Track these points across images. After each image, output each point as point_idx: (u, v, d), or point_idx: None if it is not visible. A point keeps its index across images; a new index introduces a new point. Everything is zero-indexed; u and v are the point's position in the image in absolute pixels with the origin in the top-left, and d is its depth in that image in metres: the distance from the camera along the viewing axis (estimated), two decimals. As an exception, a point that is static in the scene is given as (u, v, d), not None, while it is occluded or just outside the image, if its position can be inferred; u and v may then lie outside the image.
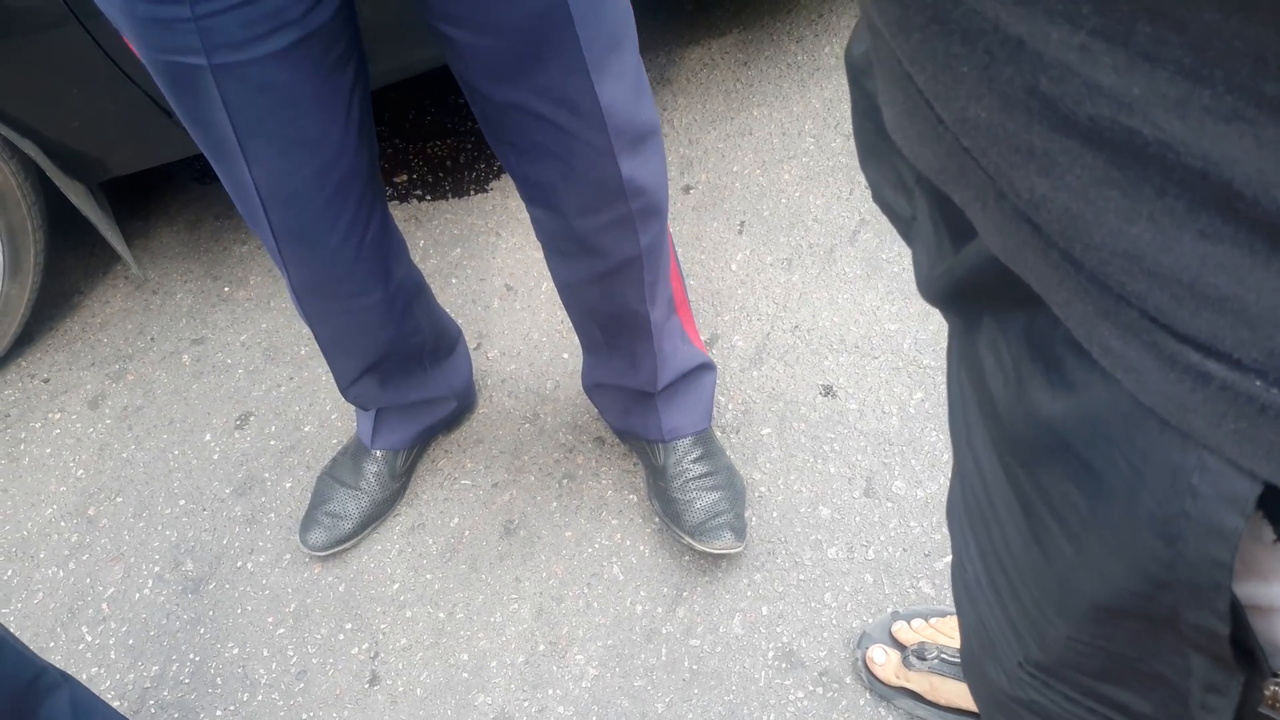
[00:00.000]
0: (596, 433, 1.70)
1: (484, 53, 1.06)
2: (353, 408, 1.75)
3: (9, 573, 1.66)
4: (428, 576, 1.56)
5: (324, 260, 1.25)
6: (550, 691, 1.42)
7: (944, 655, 1.30)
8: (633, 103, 1.14)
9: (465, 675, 1.45)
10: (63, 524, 1.72)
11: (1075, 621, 0.43)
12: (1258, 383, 0.29)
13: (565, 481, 1.65)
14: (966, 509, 0.51)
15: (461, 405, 1.67)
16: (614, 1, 1.06)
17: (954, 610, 1.38)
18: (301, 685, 1.47)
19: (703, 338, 1.79)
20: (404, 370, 1.52)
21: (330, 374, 1.81)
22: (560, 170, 1.18)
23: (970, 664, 0.60)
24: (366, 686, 1.45)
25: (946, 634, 1.34)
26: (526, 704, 1.41)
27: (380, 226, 1.29)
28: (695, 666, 1.42)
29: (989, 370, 0.43)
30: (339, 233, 1.22)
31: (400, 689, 1.44)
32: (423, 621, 1.51)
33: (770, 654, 1.42)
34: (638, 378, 1.47)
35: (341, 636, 1.51)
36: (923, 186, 0.46)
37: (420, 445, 1.67)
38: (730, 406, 1.70)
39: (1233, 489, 0.31)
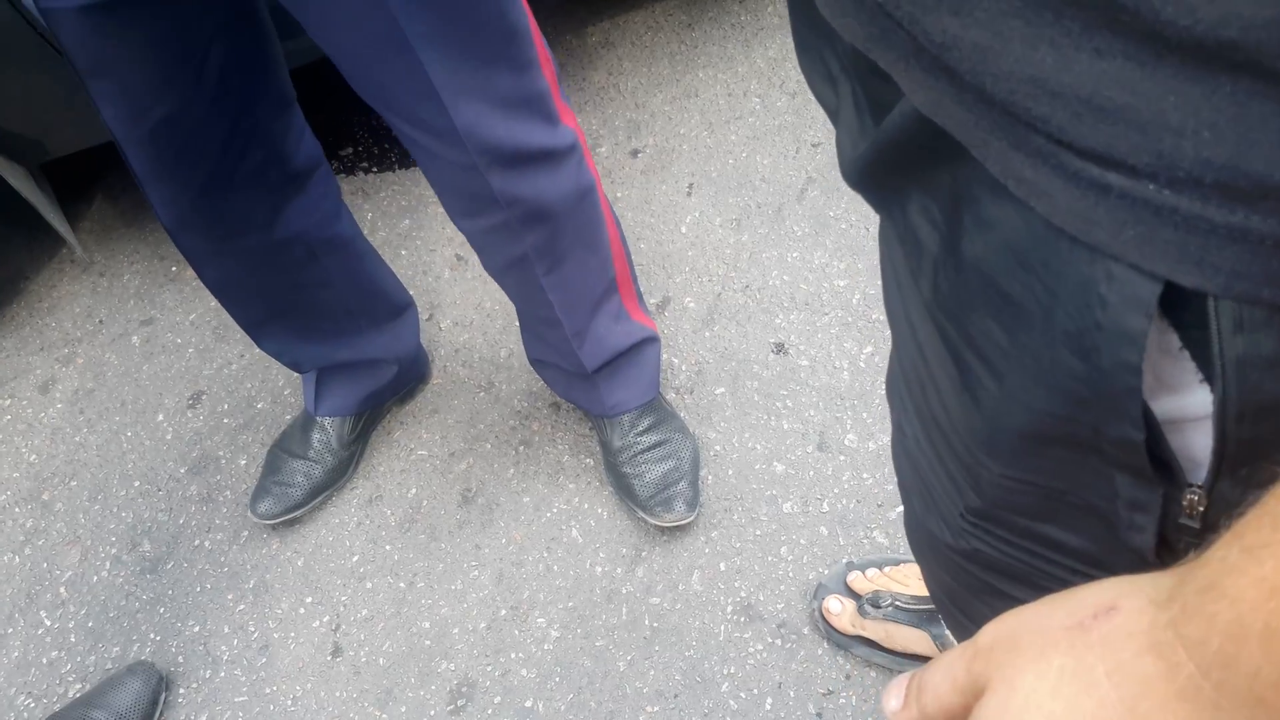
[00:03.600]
0: (551, 399, 1.71)
1: (341, 64, 1.08)
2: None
3: (-36, 561, 1.65)
4: (387, 547, 1.57)
5: (191, 199, 1.23)
6: (513, 655, 1.43)
7: (898, 603, 1.32)
8: (507, 125, 1.11)
9: (428, 643, 1.46)
10: (16, 510, 1.71)
11: (1005, 457, 0.45)
12: (1150, 186, 0.31)
13: (521, 448, 1.66)
14: (905, 378, 0.54)
15: (405, 370, 1.66)
16: (482, 22, 1.03)
17: (908, 558, 1.41)
18: (264, 660, 1.47)
19: (654, 300, 1.80)
20: (324, 326, 1.51)
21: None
22: (432, 177, 1.20)
23: (914, 528, 0.62)
24: (329, 658, 1.46)
25: (900, 581, 1.36)
26: (489, 668, 1.42)
27: (263, 164, 1.27)
28: (656, 624, 1.44)
29: (924, 236, 0.45)
30: (201, 170, 1.20)
31: (363, 659, 1.45)
32: (383, 592, 1.52)
33: (729, 609, 1.44)
34: (567, 362, 1.47)
35: (302, 610, 1.51)
36: (847, 73, 0.48)
37: (369, 414, 1.66)
38: (684, 367, 1.71)
39: (1136, 292, 0.33)
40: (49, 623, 1.56)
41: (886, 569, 1.39)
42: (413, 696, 1.41)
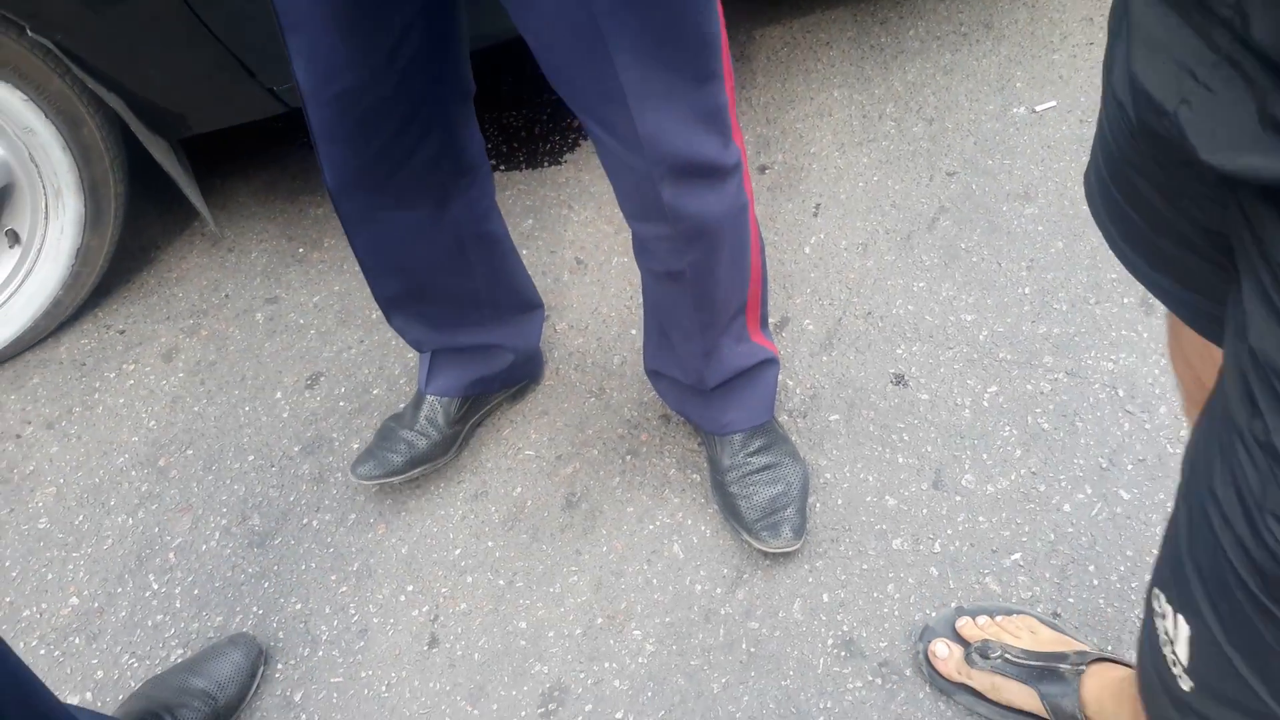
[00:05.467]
0: (661, 410, 1.69)
1: (537, 53, 1.09)
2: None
3: (80, 518, 1.70)
4: (489, 544, 1.57)
5: (360, 166, 1.26)
6: (606, 665, 1.42)
7: (1008, 655, 1.27)
8: (687, 136, 1.11)
9: (523, 643, 1.45)
10: (133, 473, 1.76)
11: None
12: None
13: (629, 458, 1.64)
14: None
15: (519, 365, 1.67)
16: (679, 33, 1.03)
17: (1020, 609, 1.36)
18: (362, 644, 1.48)
19: (772, 320, 1.77)
20: (453, 314, 1.53)
21: (400, 338, 1.82)
22: (610, 176, 1.21)
23: (1234, 517, 0.52)
24: (425, 648, 1.46)
25: (1012, 633, 1.31)
26: (582, 675, 1.41)
27: (439, 153, 1.30)
28: (753, 649, 1.41)
29: None
30: (377, 144, 1.23)
31: (459, 653, 1.45)
32: (483, 588, 1.52)
33: (830, 641, 1.40)
34: (687, 376, 1.46)
35: (402, 598, 1.52)
36: (1233, 63, 0.45)
37: (476, 398, 1.67)
38: (798, 391, 1.68)
39: None
40: (156, 586, 1.60)
41: (999, 618, 1.34)
42: (504, 695, 1.40)
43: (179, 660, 1.48)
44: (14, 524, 1.71)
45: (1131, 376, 1.60)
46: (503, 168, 2.17)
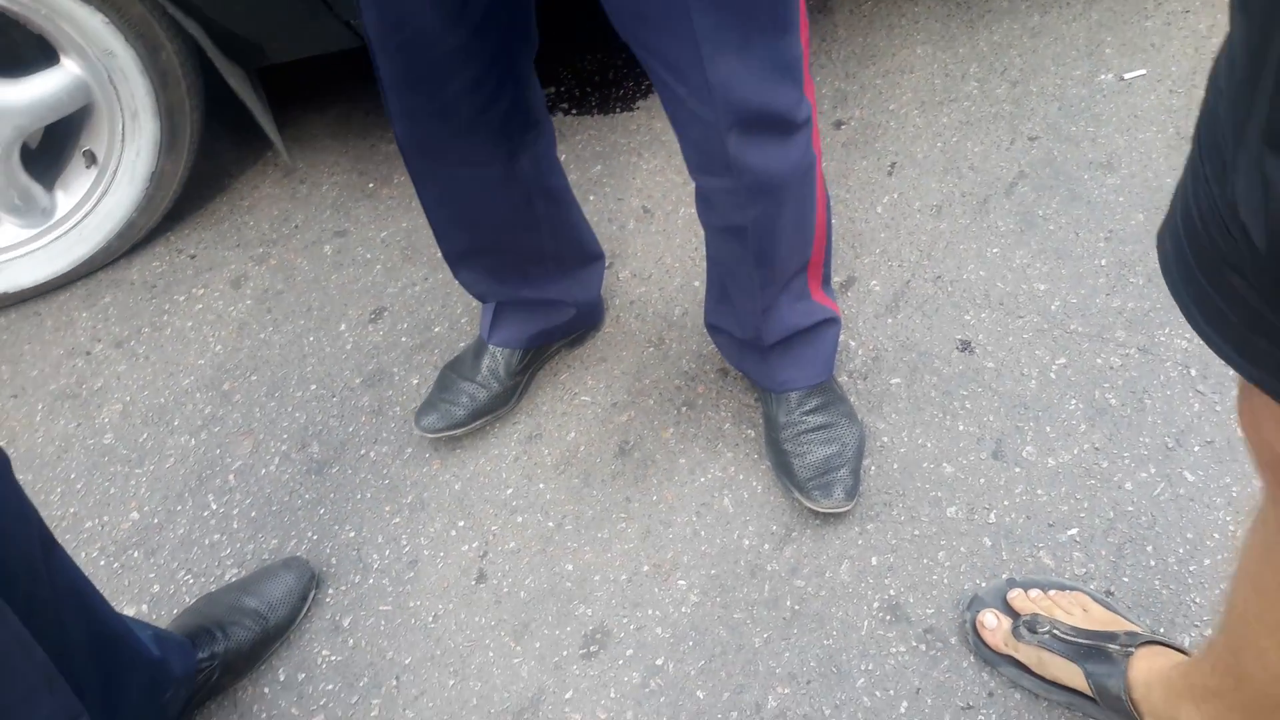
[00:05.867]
0: (719, 364, 1.68)
1: None
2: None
3: (144, 435, 1.74)
4: (540, 486, 1.58)
5: (430, 118, 1.25)
6: (650, 612, 1.43)
7: (1056, 631, 1.25)
8: (758, 86, 1.09)
9: (569, 585, 1.46)
10: (198, 395, 1.79)
11: None
12: None
13: (684, 409, 1.64)
14: None
15: (581, 315, 1.67)
16: None
17: (1073, 585, 1.33)
18: (412, 574, 1.50)
19: (838, 279, 1.75)
20: (519, 268, 1.53)
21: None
22: (675, 126, 1.19)
23: None
24: (473, 583, 1.48)
25: (1063, 609, 1.29)
26: (625, 620, 1.42)
27: (510, 108, 1.29)
28: (797, 607, 1.41)
29: None
30: (447, 96, 1.22)
31: (505, 589, 1.47)
32: (532, 528, 1.53)
33: (875, 604, 1.39)
34: (744, 331, 1.45)
35: (453, 533, 1.54)
36: None
37: (538, 349, 1.67)
38: (860, 352, 1.66)
39: None
40: (215, 506, 1.63)
41: (1051, 592, 1.32)
42: (548, 634, 1.42)
43: (233, 579, 1.52)
44: (80, 438, 1.75)
45: (1205, 356, 1.55)
46: (575, 112, 2.16)
